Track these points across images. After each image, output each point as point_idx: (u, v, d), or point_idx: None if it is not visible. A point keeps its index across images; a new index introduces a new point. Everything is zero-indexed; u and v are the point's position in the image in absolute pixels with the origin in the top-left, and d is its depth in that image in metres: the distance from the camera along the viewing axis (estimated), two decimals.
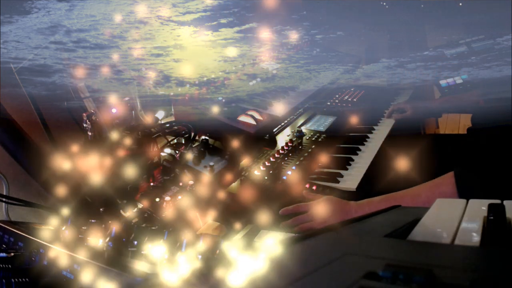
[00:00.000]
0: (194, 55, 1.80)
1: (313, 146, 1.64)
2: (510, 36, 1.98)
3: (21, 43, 1.43)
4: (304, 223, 1.19)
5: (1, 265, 0.72)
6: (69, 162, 1.38)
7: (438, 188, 1.03)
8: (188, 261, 0.66)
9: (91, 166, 1.35)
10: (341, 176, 1.43)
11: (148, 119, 1.59)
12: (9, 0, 1.44)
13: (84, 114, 1.38)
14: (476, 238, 0.46)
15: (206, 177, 1.39)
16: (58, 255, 0.70)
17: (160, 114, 1.68)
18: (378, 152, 1.62)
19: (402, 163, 1.52)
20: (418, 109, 1.94)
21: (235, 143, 1.57)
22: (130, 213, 1.25)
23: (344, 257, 0.40)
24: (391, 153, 1.65)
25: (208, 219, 1.23)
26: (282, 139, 1.70)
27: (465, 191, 0.97)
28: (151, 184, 1.34)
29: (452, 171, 1.03)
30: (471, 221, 0.51)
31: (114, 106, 1.47)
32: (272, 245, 0.44)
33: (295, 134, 1.69)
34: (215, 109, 1.62)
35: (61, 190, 1.33)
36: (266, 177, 1.41)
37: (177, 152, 1.47)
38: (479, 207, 0.56)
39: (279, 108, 1.81)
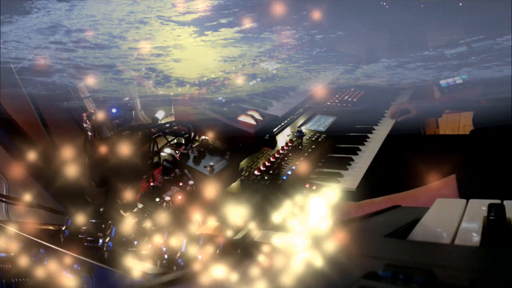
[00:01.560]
0: (194, 55, 1.80)
1: (313, 146, 1.64)
2: (510, 36, 1.98)
3: (21, 43, 1.43)
4: None
5: (1, 265, 0.72)
6: (69, 162, 1.38)
7: (439, 191, 1.03)
8: (188, 261, 0.66)
9: (91, 166, 1.35)
10: (341, 176, 1.43)
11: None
12: (9, 0, 1.44)
13: (84, 114, 1.37)
14: (476, 238, 0.46)
15: (206, 177, 1.39)
16: (58, 255, 0.70)
17: (160, 114, 1.68)
18: (378, 152, 1.62)
19: (402, 163, 1.52)
20: (421, 109, 1.94)
21: (235, 143, 1.57)
22: (130, 213, 1.25)
23: (344, 257, 0.40)
24: (391, 153, 1.65)
25: (208, 219, 1.23)
26: (282, 139, 1.70)
27: (467, 195, 0.96)
28: (151, 184, 1.34)
29: (453, 173, 1.03)
30: (471, 221, 0.51)
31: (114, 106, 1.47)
32: (272, 245, 0.44)
33: (295, 134, 1.69)
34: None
35: (61, 190, 1.33)
36: (266, 177, 1.41)
37: (177, 152, 1.47)
38: (479, 207, 0.56)
39: (279, 108, 1.80)
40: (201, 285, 0.38)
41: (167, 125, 1.50)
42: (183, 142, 1.54)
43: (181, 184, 1.34)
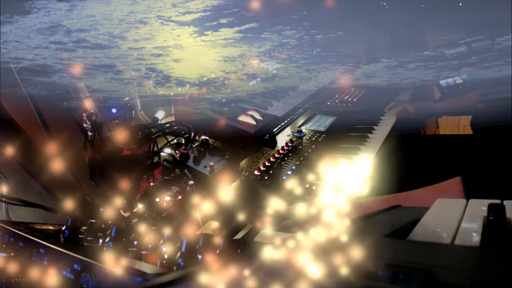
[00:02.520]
0: (194, 55, 1.80)
1: (313, 146, 1.64)
2: (510, 36, 1.98)
3: (21, 43, 1.43)
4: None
5: (1, 265, 0.72)
6: (69, 162, 1.38)
7: (444, 193, 1.02)
8: (188, 261, 0.66)
9: (90, 166, 1.35)
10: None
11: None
12: (9, 0, 1.44)
13: (84, 114, 1.38)
14: (476, 238, 0.46)
15: (206, 177, 1.39)
16: (58, 255, 0.70)
17: (160, 114, 1.68)
18: (378, 152, 1.62)
19: (402, 163, 1.52)
20: (420, 110, 1.94)
21: (235, 143, 1.57)
22: (130, 213, 1.25)
23: (344, 257, 0.39)
24: (391, 153, 1.65)
25: (208, 219, 1.23)
26: (282, 139, 1.70)
27: (473, 197, 0.96)
28: (151, 184, 1.34)
29: (454, 172, 1.02)
30: (471, 221, 0.51)
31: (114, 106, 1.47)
32: (273, 245, 0.44)
33: (295, 134, 1.68)
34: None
35: (60, 190, 1.33)
36: (266, 177, 1.41)
37: (177, 152, 1.47)
38: (479, 207, 0.56)
39: (279, 108, 1.81)
40: (201, 285, 0.38)
41: (167, 125, 1.50)
42: (183, 142, 1.54)
43: (181, 184, 1.34)
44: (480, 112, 1.79)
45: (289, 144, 1.62)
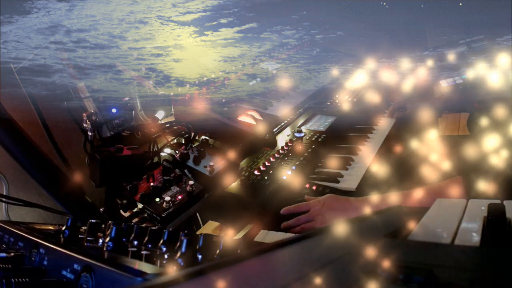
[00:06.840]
0: (194, 55, 1.80)
1: (313, 146, 1.64)
2: (510, 36, 1.98)
3: (21, 43, 1.42)
4: (305, 223, 1.19)
5: (1, 265, 0.72)
6: (69, 162, 1.38)
7: (445, 192, 1.02)
8: (188, 261, 0.66)
9: (90, 166, 1.35)
10: (341, 176, 1.43)
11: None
12: (9, 0, 1.44)
13: (84, 114, 1.38)
14: (476, 238, 0.46)
15: (206, 177, 1.39)
16: (58, 255, 0.70)
17: (160, 114, 1.68)
18: (378, 152, 1.62)
19: (402, 163, 1.52)
20: (418, 107, 1.94)
21: (235, 143, 1.57)
22: (130, 213, 1.25)
23: (344, 257, 0.40)
24: (391, 153, 1.65)
25: (208, 219, 1.23)
26: (282, 139, 1.70)
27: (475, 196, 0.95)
28: (151, 184, 1.34)
29: (454, 172, 1.02)
30: (471, 221, 0.51)
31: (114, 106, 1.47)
32: (273, 244, 0.44)
33: (295, 134, 1.68)
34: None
35: (61, 190, 1.33)
36: (266, 177, 1.41)
37: (177, 152, 1.47)
38: (479, 207, 0.56)
39: (279, 108, 1.81)
40: (201, 285, 0.38)
41: (167, 125, 1.50)
42: (183, 142, 1.54)
43: (181, 184, 1.34)
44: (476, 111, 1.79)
45: (289, 144, 1.62)
